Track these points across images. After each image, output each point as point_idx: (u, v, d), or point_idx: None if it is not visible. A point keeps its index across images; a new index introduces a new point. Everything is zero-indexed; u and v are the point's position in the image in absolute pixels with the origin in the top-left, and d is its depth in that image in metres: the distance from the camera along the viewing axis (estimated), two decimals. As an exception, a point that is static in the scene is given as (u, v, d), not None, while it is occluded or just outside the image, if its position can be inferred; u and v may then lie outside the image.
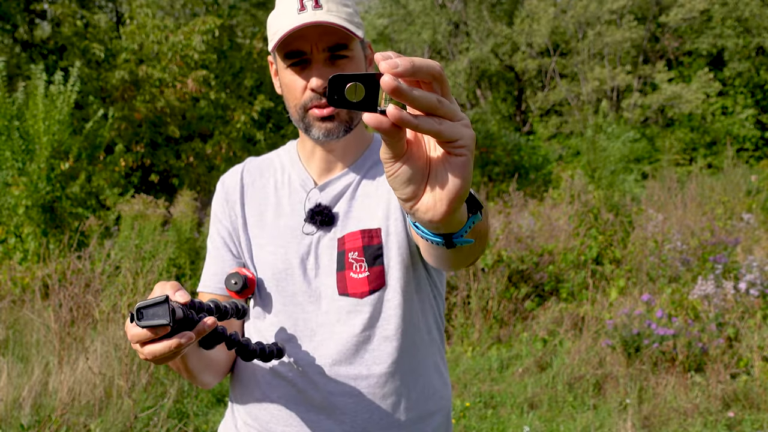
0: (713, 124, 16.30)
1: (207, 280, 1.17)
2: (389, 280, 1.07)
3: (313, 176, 1.15)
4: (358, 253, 1.07)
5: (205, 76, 9.63)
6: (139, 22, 9.72)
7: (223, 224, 1.19)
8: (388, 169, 0.55)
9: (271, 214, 1.15)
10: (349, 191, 1.12)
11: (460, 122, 0.53)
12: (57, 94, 5.87)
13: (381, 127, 0.50)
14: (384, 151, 0.54)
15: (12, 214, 5.58)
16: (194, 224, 5.48)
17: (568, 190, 5.58)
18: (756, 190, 7.22)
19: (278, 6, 1.08)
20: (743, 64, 16.69)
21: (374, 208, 1.10)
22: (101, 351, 3.51)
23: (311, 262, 1.10)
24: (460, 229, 0.66)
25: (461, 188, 0.54)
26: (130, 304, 3.94)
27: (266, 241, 1.14)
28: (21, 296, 4.59)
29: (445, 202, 0.55)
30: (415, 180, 0.55)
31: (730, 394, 3.39)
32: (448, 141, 0.52)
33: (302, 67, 1.06)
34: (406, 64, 0.49)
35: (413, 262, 1.10)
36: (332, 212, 1.10)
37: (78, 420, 3.03)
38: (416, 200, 0.56)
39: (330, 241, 1.09)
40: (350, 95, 0.51)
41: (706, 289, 3.94)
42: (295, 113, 1.09)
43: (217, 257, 1.18)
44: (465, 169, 0.53)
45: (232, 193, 1.19)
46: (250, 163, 1.24)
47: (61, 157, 5.88)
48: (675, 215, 5.88)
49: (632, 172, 11.16)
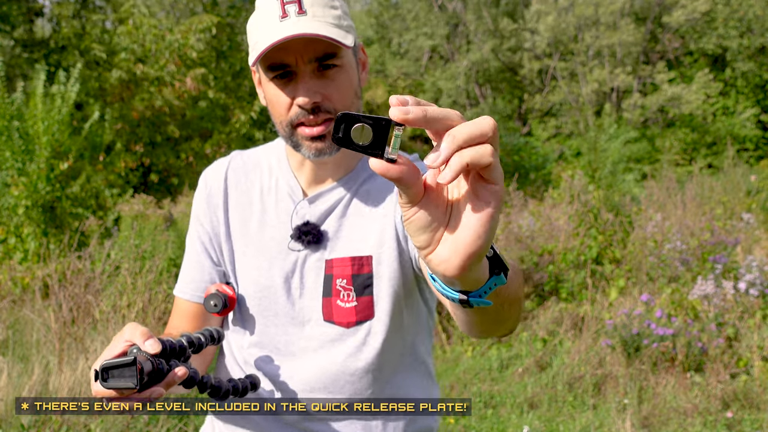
0: (714, 124, 16.30)
1: (184, 286, 1.12)
2: (378, 311, 1.01)
3: (302, 184, 1.07)
4: (346, 281, 1.01)
5: (203, 74, 9.62)
6: (135, 22, 9.72)
7: (204, 228, 1.11)
8: (404, 214, 0.52)
9: (256, 222, 1.08)
10: (339, 207, 1.05)
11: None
12: (57, 94, 5.87)
13: (388, 175, 0.47)
14: (399, 196, 0.51)
15: (12, 214, 5.59)
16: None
17: (568, 190, 5.58)
18: (756, 190, 7.22)
19: (258, 11, 0.97)
20: (746, 64, 16.70)
21: (366, 231, 1.02)
22: (101, 351, 3.51)
23: (296, 281, 1.04)
24: (478, 288, 0.59)
25: (480, 244, 0.49)
26: (130, 304, 3.94)
27: (250, 252, 1.07)
28: (21, 296, 4.60)
29: (461, 256, 0.50)
30: (431, 227, 0.51)
31: (730, 394, 3.39)
32: (487, 181, 0.48)
33: (287, 80, 0.96)
34: (418, 113, 0.46)
35: (406, 293, 1.03)
36: (321, 231, 1.03)
37: (78, 420, 3.03)
38: (431, 249, 0.52)
39: (317, 262, 1.03)
40: (356, 137, 0.48)
41: (705, 289, 3.94)
42: (281, 130, 1.01)
43: (196, 263, 1.12)
44: (489, 222, 0.49)
45: (215, 195, 1.12)
46: (236, 159, 1.15)
47: (60, 157, 5.88)
48: (675, 215, 5.88)
49: (632, 172, 11.16)
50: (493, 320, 0.74)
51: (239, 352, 1.09)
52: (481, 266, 0.57)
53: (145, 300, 3.98)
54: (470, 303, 0.59)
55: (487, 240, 0.49)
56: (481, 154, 0.46)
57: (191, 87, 9.61)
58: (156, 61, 9.53)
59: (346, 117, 0.48)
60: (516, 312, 0.78)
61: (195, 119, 9.98)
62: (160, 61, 9.49)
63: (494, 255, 0.60)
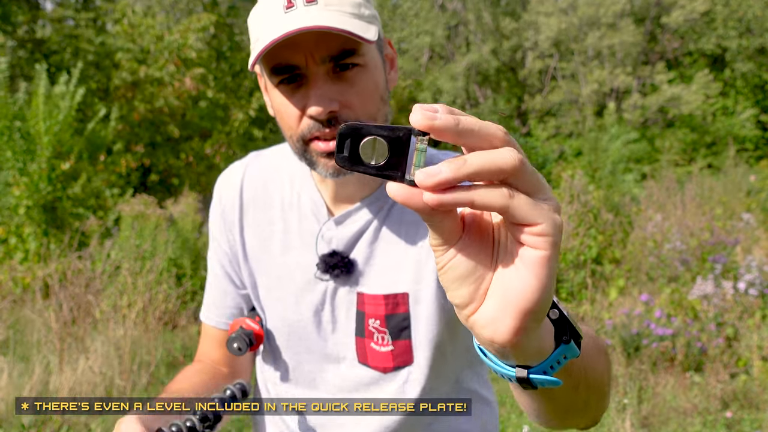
0: (714, 124, 16.31)
1: (209, 312, 1.03)
2: (417, 357, 0.88)
3: (327, 200, 0.92)
4: (380, 322, 0.87)
5: (203, 74, 9.62)
6: (130, 21, 9.71)
7: (222, 248, 0.99)
8: (436, 259, 0.41)
9: (278, 244, 0.94)
10: (370, 230, 0.89)
11: (543, 201, 0.39)
12: (61, 94, 5.88)
13: (411, 203, 0.37)
14: (430, 234, 0.41)
15: (13, 214, 5.59)
16: (196, 224, 5.49)
17: (567, 190, 5.58)
18: (755, 190, 7.22)
19: (260, 2, 0.81)
20: (745, 64, 16.71)
21: (401, 262, 0.87)
22: (101, 351, 3.52)
23: (326, 314, 0.91)
24: (541, 362, 0.45)
25: (535, 299, 0.38)
26: (130, 304, 3.95)
27: (273, 282, 0.94)
28: (22, 296, 4.60)
29: (512, 315, 0.39)
30: (473, 277, 0.40)
31: (729, 394, 3.39)
32: (521, 224, 0.38)
33: (296, 84, 0.79)
34: (448, 120, 0.36)
35: (451, 334, 0.88)
36: (350, 261, 0.89)
37: (78, 419, 3.04)
38: (474, 308, 0.41)
39: (348, 295, 0.90)
40: (367, 154, 0.38)
41: (705, 288, 3.94)
42: (292, 146, 0.84)
43: (218, 288, 1.01)
44: (542, 270, 0.38)
45: (229, 211, 0.98)
46: (252, 166, 0.99)
47: (62, 157, 5.89)
48: (674, 215, 5.88)
49: (632, 172, 11.18)
50: (568, 407, 0.57)
51: (273, 388, 1.00)
52: (543, 331, 0.44)
53: (146, 300, 3.99)
54: (532, 383, 0.45)
55: (544, 293, 0.39)
56: (490, 197, 0.37)
57: (191, 87, 9.62)
58: (155, 62, 9.53)
59: (352, 129, 0.38)
60: (599, 399, 0.61)
61: (195, 119, 9.99)
62: (159, 62, 9.50)
63: (561, 317, 0.47)
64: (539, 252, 0.38)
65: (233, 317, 1.00)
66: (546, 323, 0.45)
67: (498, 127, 0.38)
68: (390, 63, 0.88)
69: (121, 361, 3.45)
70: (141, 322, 3.85)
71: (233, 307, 1.00)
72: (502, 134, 0.38)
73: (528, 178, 0.38)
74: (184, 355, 3.95)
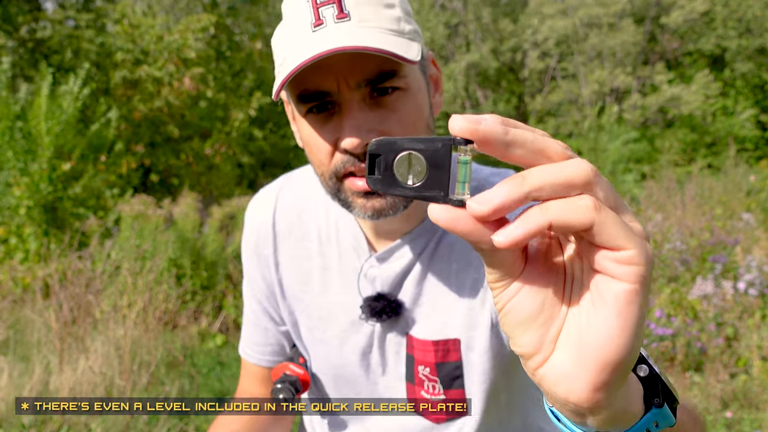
0: (714, 124, 16.32)
1: (249, 350, 0.96)
2: (471, 408, 0.80)
3: (368, 234, 0.83)
4: (430, 370, 0.79)
5: (202, 74, 9.62)
6: (130, 21, 9.71)
7: (258, 285, 0.92)
8: (495, 299, 0.34)
9: (317, 282, 0.86)
10: (417, 268, 0.80)
11: (628, 220, 0.32)
12: (64, 94, 5.89)
13: (458, 229, 0.31)
14: (485, 268, 0.34)
15: (14, 214, 5.60)
16: (195, 224, 5.50)
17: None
18: (755, 190, 7.23)
19: (285, 16, 0.70)
20: (745, 64, 16.72)
21: (452, 304, 0.78)
22: (102, 351, 3.52)
23: (375, 357, 0.84)
24: (627, 429, 0.37)
25: (621, 346, 0.31)
26: (131, 304, 3.95)
27: (315, 323, 0.87)
28: (22, 296, 4.61)
29: (591, 368, 0.31)
30: (539, 321, 0.33)
31: (729, 394, 3.39)
32: (605, 247, 0.31)
33: (327, 114, 0.69)
34: (495, 128, 0.30)
35: (510, 381, 0.80)
36: (397, 302, 0.80)
37: (79, 419, 3.04)
38: (541, 359, 0.34)
39: (396, 337, 0.82)
40: (402, 173, 0.32)
41: (705, 288, 3.95)
42: (324, 183, 0.74)
43: (257, 324, 0.94)
44: (630, 310, 0.30)
45: (262, 245, 0.90)
46: (285, 197, 0.90)
47: (63, 157, 5.90)
48: (674, 215, 5.88)
49: (632, 172, 11.18)
50: None
51: (321, 429, 0.95)
52: (629, 390, 0.37)
53: (146, 300, 3.99)
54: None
55: (631, 339, 0.31)
56: (573, 212, 0.30)
57: (190, 87, 9.62)
58: (154, 62, 9.54)
59: (383, 145, 0.33)
60: None
61: (195, 119, 9.99)
62: (158, 62, 9.51)
63: (651, 375, 0.39)
64: (626, 285, 0.30)
65: (275, 354, 0.95)
66: (633, 381, 0.38)
67: (558, 142, 0.32)
68: (434, 84, 0.78)
69: (121, 361, 3.45)
70: (141, 322, 3.85)
71: (274, 344, 0.94)
72: (561, 148, 0.32)
73: (607, 195, 0.31)
74: (184, 355, 3.95)
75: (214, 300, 4.78)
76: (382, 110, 0.68)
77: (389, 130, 0.69)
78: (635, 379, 0.39)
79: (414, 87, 0.70)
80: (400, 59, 0.63)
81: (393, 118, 0.69)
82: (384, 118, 0.69)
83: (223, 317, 4.63)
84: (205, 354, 4.16)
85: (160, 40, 9.49)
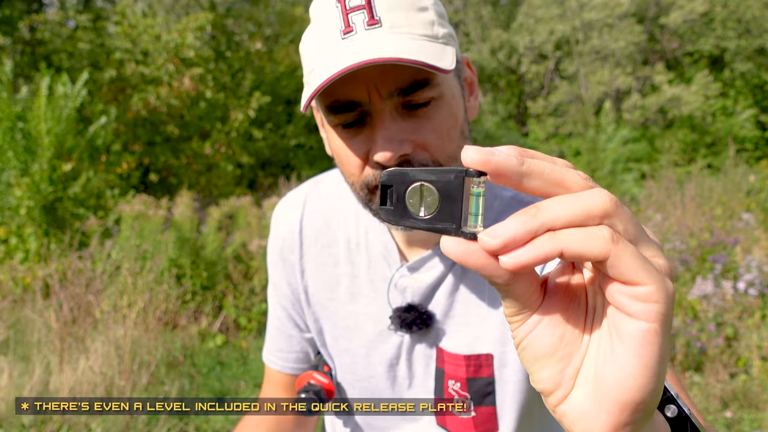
0: (714, 124, 16.34)
1: (273, 356, 0.95)
2: (502, 425, 0.78)
3: (399, 242, 0.81)
4: (460, 385, 0.77)
5: (201, 74, 9.61)
6: (130, 22, 9.71)
7: (282, 291, 0.90)
8: (513, 333, 0.34)
9: (345, 290, 0.84)
10: (449, 279, 0.78)
11: (650, 255, 0.32)
12: (63, 96, 5.90)
13: (470, 262, 0.30)
14: (502, 301, 0.34)
15: (14, 214, 5.60)
16: (194, 224, 5.50)
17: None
18: (755, 190, 7.23)
19: (314, 21, 0.68)
20: (744, 65, 16.73)
21: (485, 318, 0.76)
22: (102, 351, 3.52)
23: (402, 370, 0.82)
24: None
25: (639, 387, 0.30)
26: (131, 304, 3.95)
27: (341, 332, 0.85)
28: (22, 296, 4.61)
29: (609, 409, 0.31)
30: (557, 356, 0.33)
31: (729, 394, 3.40)
32: (622, 282, 0.30)
33: (359, 126, 0.67)
34: (509, 159, 0.29)
35: (543, 402, 0.72)
36: (428, 313, 0.78)
37: (79, 419, 3.04)
38: (561, 396, 0.33)
39: (426, 349, 0.80)
40: (413, 204, 0.32)
41: (704, 288, 3.95)
42: (356, 193, 0.72)
43: (282, 331, 0.93)
44: (647, 350, 0.30)
45: (288, 251, 0.88)
46: (312, 199, 0.89)
47: (63, 158, 5.90)
48: (674, 215, 5.88)
49: (631, 172, 11.19)
50: None
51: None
52: (658, 427, 0.36)
53: (146, 300, 3.99)
54: None
55: (650, 380, 0.30)
56: (586, 240, 0.29)
57: (189, 87, 9.61)
58: (153, 62, 9.53)
59: (395, 176, 0.33)
60: None
61: (194, 120, 9.99)
62: (157, 62, 9.50)
63: (680, 416, 0.37)
64: (644, 324, 0.29)
65: (299, 362, 0.94)
66: (659, 422, 0.36)
67: (577, 171, 0.31)
68: (469, 88, 0.75)
69: (121, 361, 3.46)
70: (141, 322, 3.85)
71: (299, 351, 0.93)
72: (582, 180, 0.30)
73: (627, 227, 0.30)
74: (184, 355, 3.96)
75: (214, 300, 4.78)
76: (415, 120, 0.66)
77: (423, 139, 0.67)
78: (662, 420, 0.37)
79: (448, 94, 0.68)
80: (432, 69, 0.61)
81: (427, 128, 0.66)
82: (417, 127, 0.66)
83: (223, 317, 4.63)
84: (205, 354, 4.16)
85: (158, 40, 9.48)
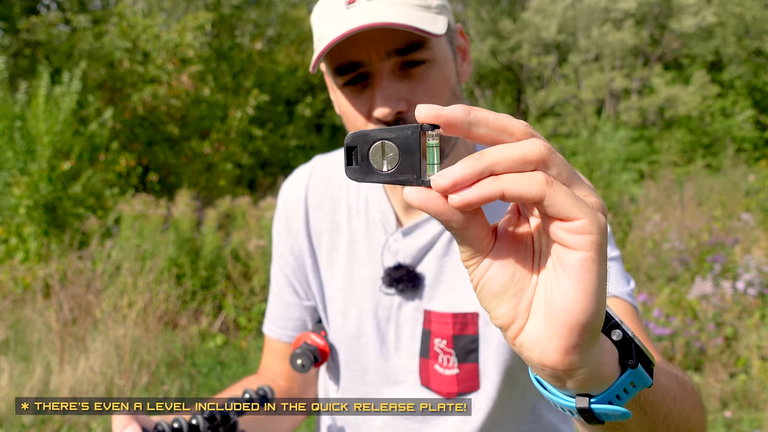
0: (712, 125, 16.34)
1: (272, 324, 0.98)
2: (483, 382, 0.81)
3: (397, 209, 0.87)
4: (446, 342, 0.81)
5: (200, 71, 9.58)
6: (129, 22, 9.69)
7: (285, 259, 0.95)
8: (470, 277, 0.38)
9: (343, 254, 0.90)
10: (440, 243, 0.83)
11: (583, 194, 0.35)
12: (60, 95, 5.89)
13: (429, 208, 0.34)
14: (458, 247, 0.37)
15: (13, 214, 5.60)
16: (194, 224, 5.50)
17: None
18: (754, 190, 7.23)
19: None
20: (742, 66, 16.75)
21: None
22: (102, 350, 3.52)
23: (391, 332, 0.86)
24: (604, 390, 0.39)
25: (582, 310, 0.33)
26: (131, 304, 3.95)
27: (336, 294, 0.90)
28: (22, 296, 4.61)
29: (559, 332, 0.34)
30: (511, 293, 0.36)
31: (728, 394, 3.40)
32: (559, 218, 0.33)
33: (362, 85, 0.76)
34: (456, 112, 0.33)
35: (525, 365, 0.80)
36: (416, 275, 0.83)
37: (79, 419, 3.04)
38: (518, 328, 0.37)
39: (414, 312, 0.84)
40: (377, 161, 0.35)
41: (704, 288, 3.95)
42: None
43: (282, 299, 0.97)
44: (586, 276, 0.33)
45: (294, 219, 0.93)
46: (318, 173, 0.95)
47: (62, 157, 5.90)
48: (673, 215, 5.89)
49: (629, 172, 11.20)
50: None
51: (326, 404, 0.96)
52: (602, 353, 0.38)
53: (146, 299, 3.99)
54: (596, 414, 0.39)
55: (591, 303, 0.33)
56: (523, 183, 0.32)
57: (188, 85, 9.59)
58: (152, 61, 9.52)
59: (358, 137, 0.36)
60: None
61: (194, 119, 9.98)
62: (156, 61, 9.49)
63: (625, 339, 0.41)
64: (580, 253, 0.33)
65: (297, 330, 0.96)
66: (607, 345, 0.40)
67: (521, 122, 0.35)
68: (462, 54, 0.83)
69: (121, 361, 3.46)
70: (141, 322, 3.85)
71: (297, 320, 0.96)
72: (523, 126, 0.34)
73: (562, 170, 0.34)
74: (184, 355, 3.96)
75: (214, 300, 4.78)
76: (410, 81, 0.74)
77: (417, 99, 0.75)
78: (609, 343, 0.41)
79: (440, 57, 0.76)
80: (425, 33, 0.70)
81: (421, 88, 0.75)
82: (412, 88, 0.75)
83: (223, 317, 4.63)
84: (205, 354, 4.17)
85: (157, 39, 9.47)
